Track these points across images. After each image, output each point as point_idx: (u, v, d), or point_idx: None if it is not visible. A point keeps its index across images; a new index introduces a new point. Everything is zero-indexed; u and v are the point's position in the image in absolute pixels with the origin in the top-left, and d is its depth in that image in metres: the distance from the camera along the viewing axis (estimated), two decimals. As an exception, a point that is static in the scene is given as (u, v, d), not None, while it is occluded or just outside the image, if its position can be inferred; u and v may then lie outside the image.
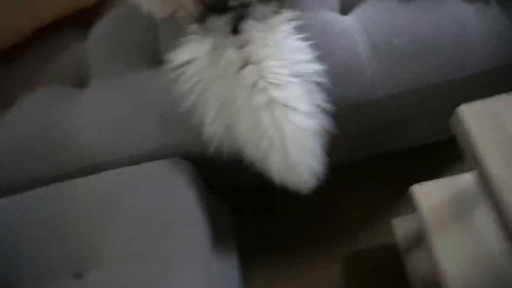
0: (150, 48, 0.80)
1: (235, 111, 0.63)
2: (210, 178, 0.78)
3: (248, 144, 0.63)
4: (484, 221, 0.58)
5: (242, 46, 0.64)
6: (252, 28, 0.65)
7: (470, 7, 0.64)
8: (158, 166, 0.70)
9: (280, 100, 0.60)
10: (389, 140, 0.84)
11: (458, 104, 0.74)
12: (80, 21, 0.89)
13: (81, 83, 0.82)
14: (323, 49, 0.66)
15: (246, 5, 0.68)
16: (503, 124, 0.38)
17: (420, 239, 0.79)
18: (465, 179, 0.62)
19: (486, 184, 0.39)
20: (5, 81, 0.85)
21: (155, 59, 0.78)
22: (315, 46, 0.66)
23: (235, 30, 0.66)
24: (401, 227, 0.89)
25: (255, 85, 0.61)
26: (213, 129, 0.66)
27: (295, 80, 0.62)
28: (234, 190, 0.92)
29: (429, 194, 0.63)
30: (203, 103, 0.67)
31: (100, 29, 0.85)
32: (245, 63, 0.62)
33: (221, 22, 0.68)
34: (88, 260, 0.62)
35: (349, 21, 0.70)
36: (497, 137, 0.38)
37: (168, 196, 0.67)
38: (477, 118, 0.39)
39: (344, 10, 0.73)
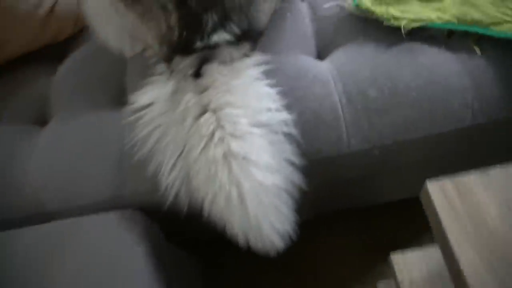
0: (116, 87, 0.75)
1: (191, 163, 0.57)
2: (171, 228, 0.71)
3: (206, 199, 0.57)
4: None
5: (202, 91, 0.58)
6: (214, 72, 0.60)
7: (452, 57, 0.58)
8: (109, 218, 0.63)
9: (238, 152, 0.54)
10: (367, 194, 0.77)
11: (439, 161, 0.68)
12: (51, 55, 0.85)
13: (41, 121, 0.77)
14: (294, 97, 0.60)
15: (213, 47, 0.63)
16: (471, 203, 0.32)
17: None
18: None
19: (447, 259, 0.32)
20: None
21: (120, 99, 0.73)
22: (285, 93, 0.60)
23: (197, 73, 0.61)
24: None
25: (212, 135, 0.55)
26: (170, 179, 0.60)
27: (258, 131, 0.56)
28: (201, 239, 0.85)
29: (409, 264, 0.55)
30: (161, 150, 0.61)
31: (68, 65, 0.81)
32: (203, 110, 0.57)
33: (185, 64, 0.63)
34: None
35: (325, 66, 0.65)
36: (463, 217, 0.31)
37: (117, 251, 0.60)
38: (443, 195, 0.33)
39: (320, 54, 0.68)
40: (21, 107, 0.79)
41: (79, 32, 0.85)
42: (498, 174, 0.34)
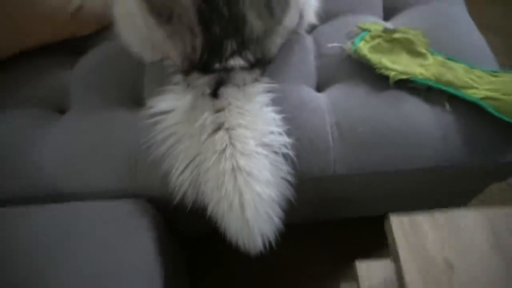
0: (133, 89, 0.82)
1: (203, 171, 0.66)
2: (174, 223, 0.80)
3: (210, 202, 0.66)
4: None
5: (218, 110, 0.68)
6: (230, 95, 0.69)
7: (428, 109, 0.70)
8: (119, 205, 0.71)
9: (244, 168, 0.64)
10: (346, 209, 0.90)
11: (409, 191, 0.81)
12: (70, 48, 0.91)
13: (60, 109, 0.84)
14: (294, 124, 0.71)
15: (229, 70, 0.72)
16: (420, 236, 0.43)
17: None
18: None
19: (397, 274, 0.43)
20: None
21: (136, 101, 0.81)
22: (287, 120, 0.70)
23: (214, 94, 0.70)
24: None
25: (223, 151, 0.65)
26: (179, 181, 0.69)
27: (262, 150, 0.66)
28: (196, 235, 0.95)
29: (370, 271, 0.67)
30: (174, 155, 0.70)
31: (88, 60, 0.87)
32: (218, 128, 0.66)
33: (203, 81, 0.72)
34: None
35: (322, 99, 0.75)
36: (412, 246, 0.42)
37: (124, 236, 0.68)
38: (402, 229, 0.44)
39: (319, 87, 0.79)
40: (41, 94, 0.84)
41: (100, 30, 0.91)
42: (441, 216, 0.45)
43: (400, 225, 0.43)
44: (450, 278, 0.39)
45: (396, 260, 0.42)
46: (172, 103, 0.73)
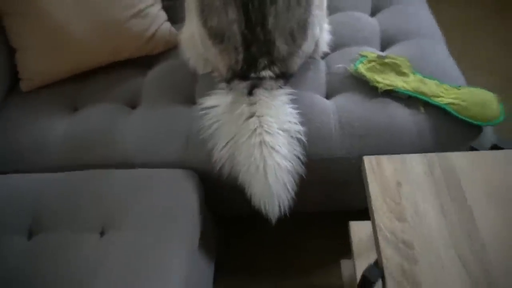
0: (188, 91, 1.11)
1: (238, 146, 0.92)
2: (211, 198, 1.04)
3: (242, 170, 0.91)
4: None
5: (252, 104, 0.94)
6: (261, 94, 0.96)
7: (408, 111, 0.95)
8: (172, 172, 0.97)
9: (269, 143, 0.89)
10: (347, 198, 1.11)
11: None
12: (142, 62, 1.22)
13: (133, 105, 1.12)
14: (306, 118, 0.96)
15: (261, 78, 0.99)
16: (382, 171, 0.64)
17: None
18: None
19: (372, 220, 0.64)
20: (79, 92, 1.16)
21: (190, 100, 1.09)
22: (302, 114, 0.96)
23: (250, 93, 0.97)
24: (347, 268, 1.12)
25: (255, 130, 0.90)
26: (220, 155, 0.94)
27: (282, 133, 0.91)
28: (224, 213, 1.17)
29: (359, 229, 0.88)
30: (217, 136, 0.96)
31: (156, 72, 1.17)
32: (251, 115, 0.92)
33: (242, 86, 0.99)
34: (109, 222, 0.87)
35: (329, 104, 1.01)
36: (378, 177, 0.63)
37: (175, 196, 0.93)
38: (370, 165, 0.66)
39: (328, 95, 1.05)
40: (120, 94, 1.14)
41: (166, 51, 1.22)
42: (397, 157, 0.66)
43: (369, 163, 0.66)
44: (399, 191, 0.61)
45: (366, 185, 0.63)
46: (218, 100, 1.00)
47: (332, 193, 1.09)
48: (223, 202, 1.13)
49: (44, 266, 0.83)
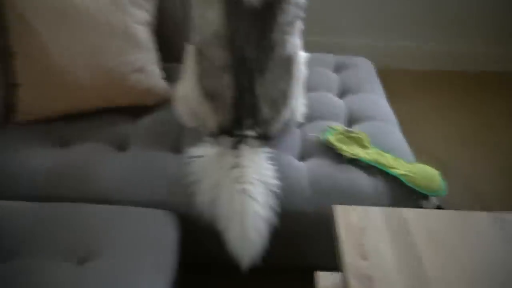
0: (176, 141, 1.21)
1: (221, 191, 1.01)
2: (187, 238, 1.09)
3: (222, 213, 0.99)
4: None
5: (236, 156, 1.06)
6: (244, 150, 1.09)
7: (368, 175, 1.10)
8: (154, 212, 1.03)
9: (249, 191, 0.99)
10: (313, 253, 1.20)
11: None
12: (134, 110, 1.32)
13: (120, 148, 1.20)
14: (282, 174, 1.08)
15: (245, 136, 1.13)
16: (349, 217, 0.76)
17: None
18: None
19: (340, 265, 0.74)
20: (69, 129, 1.22)
21: (177, 149, 1.19)
22: (278, 171, 1.08)
23: (235, 147, 1.09)
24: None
25: (237, 179, 1.01)
26: (203, 198, 1.03)
27: (261, 184, 1.02)
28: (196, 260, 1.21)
29: (325, 278, 0.96)
30: (201, 181, 1.05)
31: (146, 120, 1.27)
32: (235, 166, 1.04)
33: (227, 141, 1.12)
34: (87, 252, 0.90)
35: (302, 165, 1.15)
36: (350, 231, 0.75)
37: (153, 233, 0.98)
38: (341, 216, 0.77)
39: (301, 158, 1.19)
40: (109, 136, 1.22)
41: (158, 104, 1.34)
42: (360, 208, 0.79)
43: (339, 211, 0.78)
44: (362, 235, 0.73)
45: (336, 229, 0.74)
46: (204, 151, 1.11)
47: (300, 247, 1.17)
48: (199, 246, 1.18)
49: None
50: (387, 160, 1.13)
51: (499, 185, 1.77)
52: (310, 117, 1.30)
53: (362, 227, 0.75)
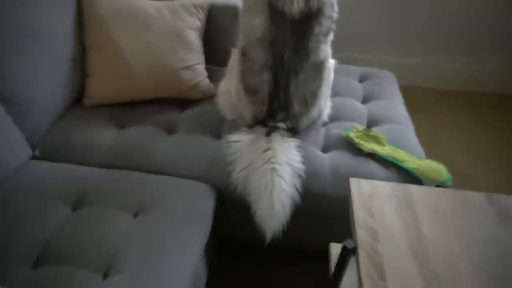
0: (216, 129, 1.40)
1: (254, 170, 1.19)
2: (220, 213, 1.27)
3: (253, 188, 1.17)
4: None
5: (268, 142, 1.24)
6: (276, 137, 1.26)
7: (381, 168, 1.25)
8: (197, 184, 1.21)
9: (278, 171, 1.16)
10: (327, 235, 1.34)
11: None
12: (181, 102, 1.53)
13: (169, 131, 1.41)
14: (306, 161, 1.25)
15: (277, 127, 1.31)
16: (364, 193, 0.91)
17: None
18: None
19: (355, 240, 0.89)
20: (127, 114, 1.44)
21: (217, 135, 1.38)
22: (303, 157, 1.25)
23: (267, 134, 1.27)
24: None
25: (268, 160, 1.18)
26: (238, 176, 1.21)
27: (288, 166, 1.19)
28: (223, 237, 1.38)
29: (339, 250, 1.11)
30: (237, 161, 1.23)
31: (191, 111, 1.48)
32: (267, 149, 1.22)
33: (262, 130, 1.30)
34: (141, 208, 1.09)
35: (324, 155, 1.32)
36: (361, 197, 0.90)
37: (195, 199, 1.17)
38: (355, 187, 0.93)
39: (324, 150, 1.36)
40: (160, 121, 1.42)
41: (202, 98, 1.54)
42: (370, 182, 0.94)
43: (353, 183, 0.94)
44: (371, 201, 0.88)
45: (349, 196, 0.90)
46: (240, 137, 1.30)
47: (316, 227, 1.32)
48: (229, 221, 1.35)
49: (84, 235, 1.02)
50: (401, 156, 1.28)
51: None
52: (334, 118, 1.47)
53: (371, 194, 0.90)
